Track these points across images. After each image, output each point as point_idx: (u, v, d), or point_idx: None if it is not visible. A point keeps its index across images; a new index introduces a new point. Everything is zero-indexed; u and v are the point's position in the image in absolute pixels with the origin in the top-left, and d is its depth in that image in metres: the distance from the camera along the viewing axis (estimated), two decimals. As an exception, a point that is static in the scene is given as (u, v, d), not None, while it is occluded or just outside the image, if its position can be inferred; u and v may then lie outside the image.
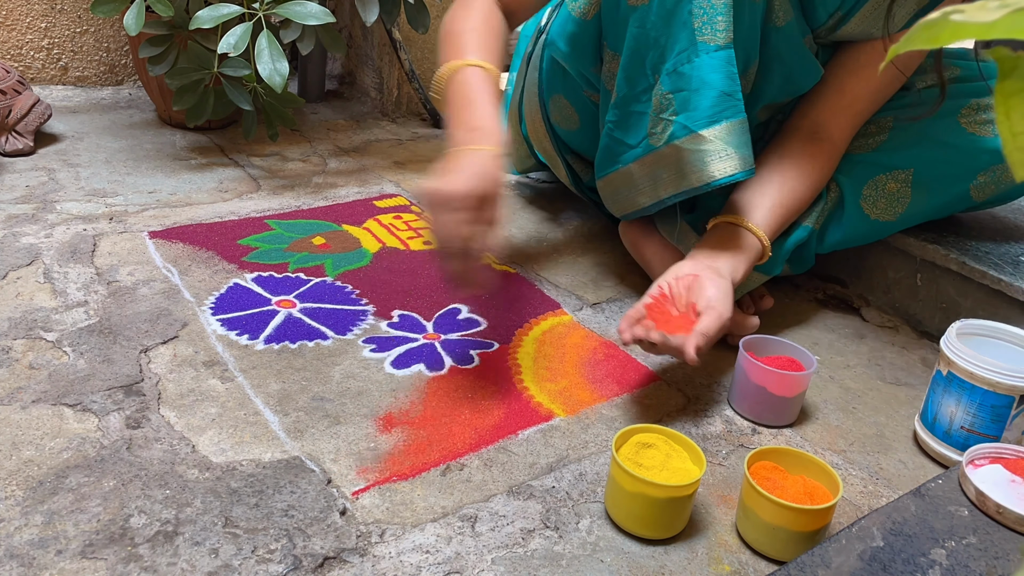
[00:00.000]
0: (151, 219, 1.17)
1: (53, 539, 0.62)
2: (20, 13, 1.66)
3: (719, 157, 0.87)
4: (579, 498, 0.72)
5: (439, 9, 1.81)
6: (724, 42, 0.85)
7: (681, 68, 0.87)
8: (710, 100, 0.86)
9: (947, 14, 0.21)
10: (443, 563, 0.64)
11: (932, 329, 1.06)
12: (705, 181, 0.88)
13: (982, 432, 0.78)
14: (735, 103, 0.87)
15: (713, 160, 0.87)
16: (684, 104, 0.87)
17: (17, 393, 0.77)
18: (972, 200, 1.04)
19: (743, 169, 0.87)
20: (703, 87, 0.86)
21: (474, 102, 0.85)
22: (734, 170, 0.87)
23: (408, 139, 1.70)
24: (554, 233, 1.28)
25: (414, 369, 0.88)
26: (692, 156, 0.88)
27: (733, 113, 0.87)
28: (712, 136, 0.87)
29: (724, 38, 0.85)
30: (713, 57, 0.85)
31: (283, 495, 0.68)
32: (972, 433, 0.79)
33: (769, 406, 0.84)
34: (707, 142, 0.87)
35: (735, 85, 0.86)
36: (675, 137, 0.89)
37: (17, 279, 0.97)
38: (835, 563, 0.59)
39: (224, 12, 1.25)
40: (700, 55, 0.86)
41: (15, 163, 1.32)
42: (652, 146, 0.93)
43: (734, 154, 0.87)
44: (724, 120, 0.86)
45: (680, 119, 0.88)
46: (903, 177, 1.02)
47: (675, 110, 0.88)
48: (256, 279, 1.03)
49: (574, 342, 0.97)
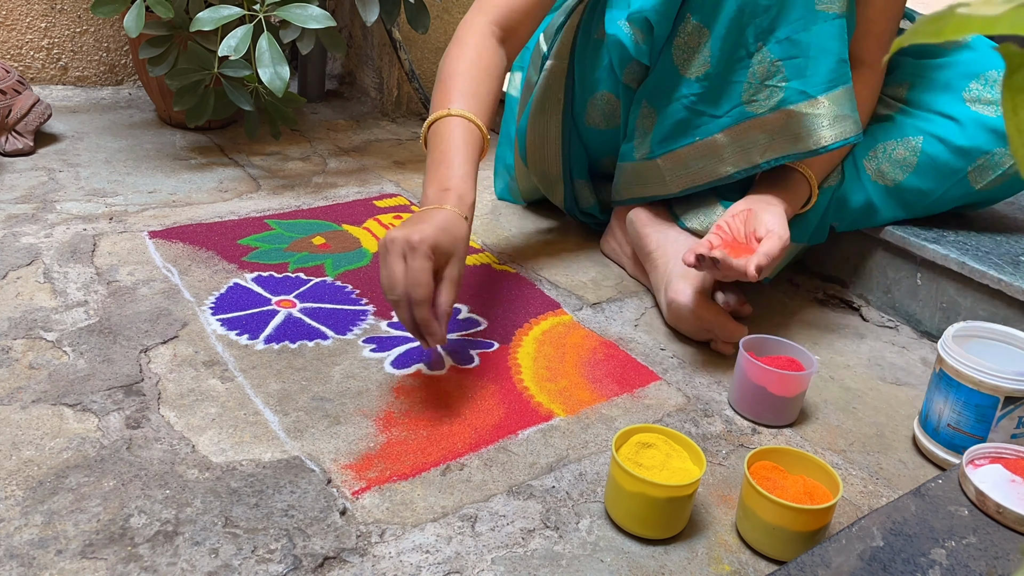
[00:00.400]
0: (151, 219, 1.17)
1: (53, 539, 0.62)
2: (20, 13, 1.66)
3: (834, 122, 0.93)
4: (579, 498, 0.72)
5: (439, 9, 1.81)
6: (840, 11, 0.90)
7: (796, 36, 0.91)
8: (829, 66, 0.91)
9: (953, 7, 0.21)
10: (443, 563, 0.63)
11: (932, 329, 1.06)
12: (822, 144, 0.93)
13: (968, 431, 0.78)
14: (846, 69, 0.92)
15: (828, 124, 0.93)
16: (799, 71, 0.92)
17: (17, 393, 0.77)
18: (970, 186, 1.03)
19: (856, 132, 0.93)
20: (822, 54, 0.90)
21: (449, 160, 0.86)
22: (849, 133, 0.93)
23: (408, 139, 1.70)
24: (554, 233, 1.28)
25: (414, 369, 0.88)
26: (807, 120, 0.93)
27: (845, 80, 0.92)
28: (828, 101, 0.92)
29: (840, 6, 0.90)
30: (832, 24, 0.90)
31: (283, 495, 0.68)
32: (958, 431, 0.79)
33: (769, 406, 0.84)
34: (823, 106, 0.92)
35: (846, 50, 0.92)
36: (788, 102, 0.93)
37: (17, 279, 0.97)
38: (835, 563, 0.59)
39: (225, 14, 1.25)
40: (819, 22, 0.90)
41: (15, 163, 1.32)
42: (751, 113, 0.96)
43: (848, 117, 0.93)
44: (840, 86, 0.92)
45: (794, 84, 0.92)
46: (912, 145, 1.04)
47: (785, 76, 0.93)
48: (256, 279, 1.03)
49: (574, 342, 0.97)
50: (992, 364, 0.76)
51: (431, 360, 0.90)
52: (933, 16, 0.21)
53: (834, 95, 0.92)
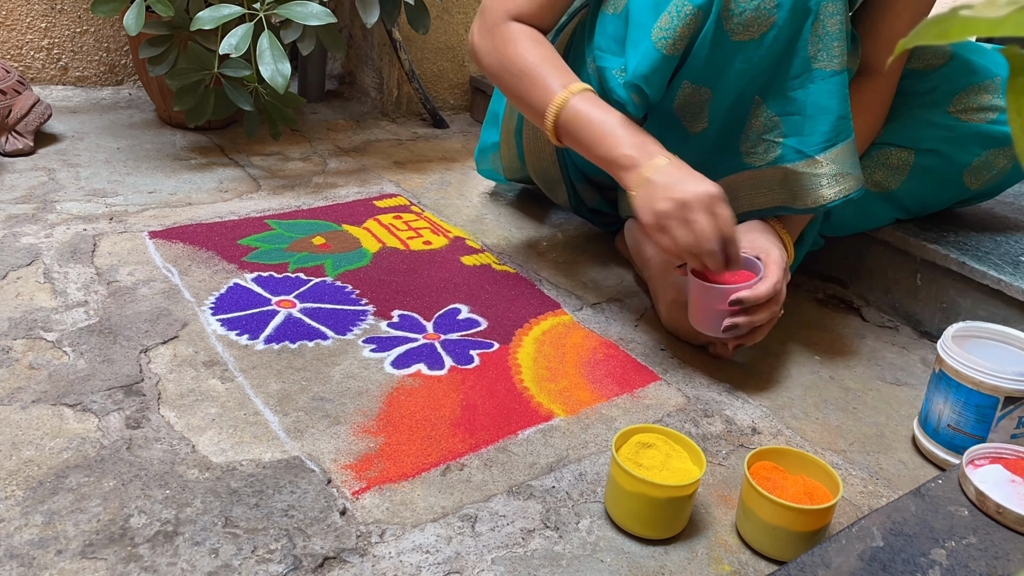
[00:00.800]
0: (151, 219, 1.17)
1: (53, 539, 0.62)
2: (20, 13, 1.66)
3: (834, 180, 0.90)
4: (579, 498, 0.72)
5: (439, 9, 1.81)
6: (839, 67, 0.87)
7: (792, 93, 0.89)
8: (828, 125, 0.88)
9: (956, 10, 0.21)
10: (443, 563, 0.63)
11: (932, 329, 1.06)
12: (820, 203, 0.91)
13: (968, 432, 0.78)
14: (848, 124, 0.89)
15: (828, 183, 0.90)
16: (796, 128, 0.90)
17: (17, 393, 0.77)
18: (965, 186, 1.05)
19: (857, 188, 0.91)
20: (819, 113, 0.88)
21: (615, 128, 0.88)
22: (851, 190, 0.90)
23: (408, 139, 1.70)
24: (554, 233, 1.28)
25: (414, 369, 0.88)
26: (805, 180, 0.91)
27: (847, 135, 0.89)
28: (827, 160, 0.89)
29: (839, 63, 0.87)
30: (829, 82, 0.87)
31: (283, 495, 0.68)
32: (958, 432, 0.79)
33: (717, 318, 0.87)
34: (822, 166, 0.90)
35: (847, 107, 0.89)
36: (784, 160, 0.91)
37: (17, 279, 0.97)
38: (835, 563, 0.59)
39: (225, 13, 1.25)
40: (816, 81, 0.87)
41: (15, 163, 1.32)
42: (748, 164, 0.95)
43: (849, 176, 0.90)
44: (840, 143, 0.89)
45: (791, 142, 0.90)
46: (905, 156, 1.04)
47: (782, 132, 0.91)
48: (256, 279, 1.03)
49: (574, 342, 0.97)
50: (992, 364, 0.76)
51: (431, 360, 0.90)
52: (937, 18, 0.21)
53: (832, 153, 0.89)
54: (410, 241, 1.19)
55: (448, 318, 0.99)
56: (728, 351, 0.96)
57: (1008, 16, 0.19)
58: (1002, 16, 0.19)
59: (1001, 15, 0.19)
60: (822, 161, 0.89)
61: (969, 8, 0.20)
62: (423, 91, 1.78)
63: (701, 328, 0.90)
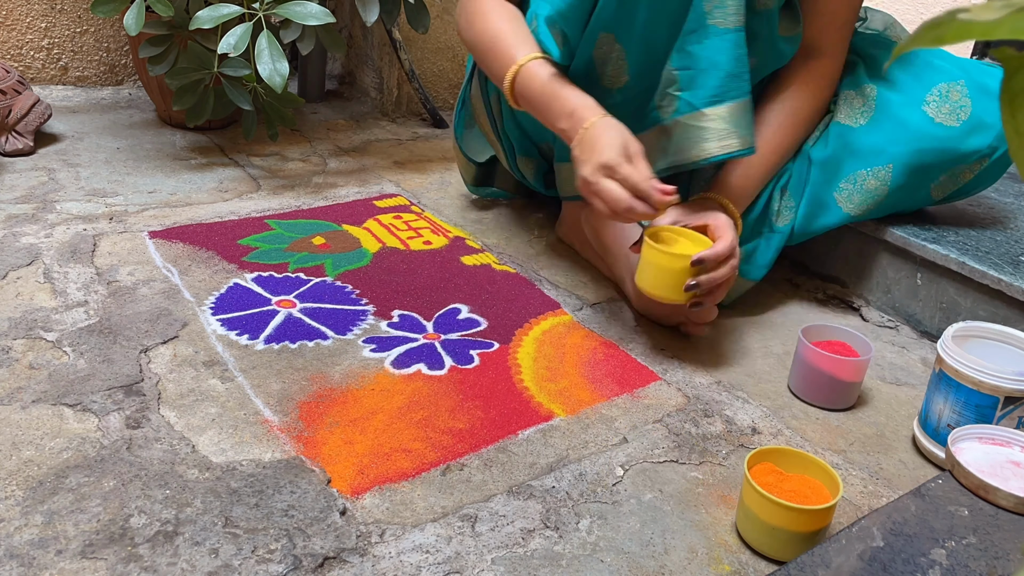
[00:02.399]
0: (151, 219, 1.17)
1: (53, 539, 0.62)
2: (20, 13, 1.66)
3: (719, 135, 0.91)
4: (579, 498, 0.72)
5: (439, 9, 1.81)
6: (734, 25, 0.89)
7: (689, 47, 0.91)
8: (716, 80, 0.90)
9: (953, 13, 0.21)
10: (443, 563, 0.63)
11: (932, 329, 1.06)
12: (704, 156, 0.93)
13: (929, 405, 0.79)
14: (741, 84, 0.91)
15: (713, 137, 0.91)
16: (690, 82, 0.92)
17: (17, 393, 0.77)
18: (931, 199, 1.08)
19: (744, 147, 0.92)
20: (711, 67, 0.90)
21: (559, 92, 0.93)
22: (733, 148, 0.91)
23: (408, 139, 1.70)
24: (554, 233, 1.27)
25: (414, 369, 0.88)
26: (693, 132, 0.93)
27: (738, 94, 0.91)
28: (714, 115, 0.91)
29: (734, 21, 0.89)
30: (723, 39, 0.89)
31: (283, 495, 0.68)
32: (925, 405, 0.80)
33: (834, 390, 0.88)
34: (709, 119, 0.91)
35: (742, 67, 0.91)
36: (679, 112, 0.93)
37: (17, 279, 0.97)
38: (835, 563, 0.59)
39: (224, 12, 1.25)
40: (711, 37, 0.90)
41: (15, 163, 1.32)
42: (660, 118, 0.97)
43: (736, 133, 0.91)
44: (728, 100, 0.91)
45: (685, 95, 0.93)
46: (883, 175, 1.04)
47: (680, 86, 0.93)
48: (256, 279, 1.03)
49: (574, 342, 0.97)
50: (992, 364, 0.76)
51: (431, 360, 0.90)
52: (933, 22, 0.21)
53: (721, 109, 0.91)
54: (410, 241, 1.19)
55: (448, 318, 0.99)
56: (701, 329, 0.98)
57: (1004, 19, 0.19)
58: (998, 19, 0.19)
59: (997, 18, 0.19)
60: (708, 114, 0.91)
61: (965, 12, 0.20)
62: (423, 91, 1.78)
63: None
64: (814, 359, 0.88)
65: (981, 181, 1.06)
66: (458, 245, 1.20)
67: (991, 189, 1.29)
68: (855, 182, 1.05)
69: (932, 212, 1.16)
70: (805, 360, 0.89)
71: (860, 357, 0.88)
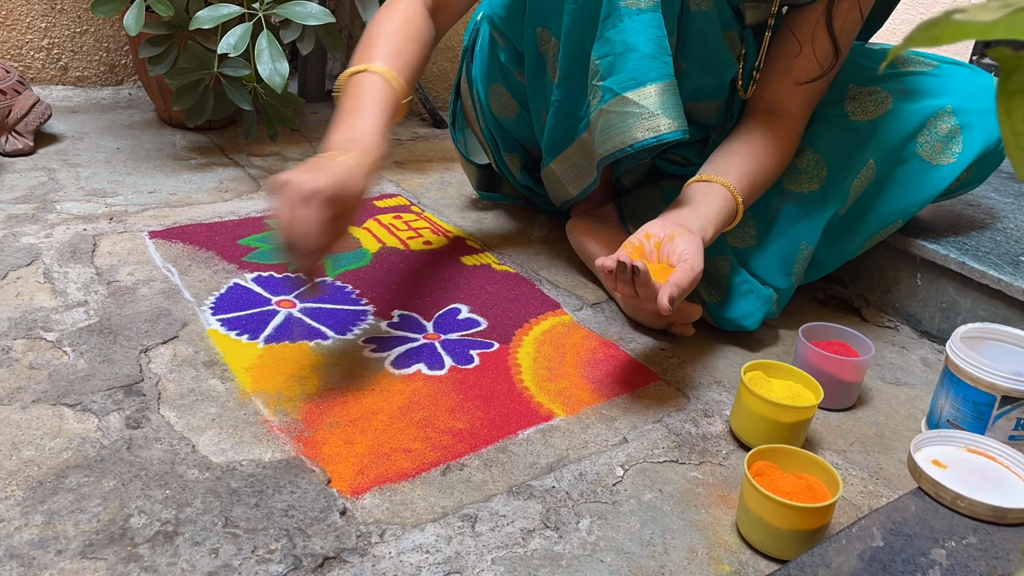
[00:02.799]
0: (151, 219, 1.17)
1: (53, 539, 0.62)
2: (20, 13, 1.66)
3: (644, 118, 0.86)
4: (579, 498, 0.72)
5: (439, 9, 1.81)
6: (647, 5, 0.86)
7: (607, 33, 0.87)
8: (634, 62, 0.86)
9: (949, 13, 0.21)
10: (443, 563, 0.64)
11: (932, 329, 1.06)
12: (628, 143, 0.88)
13: (965, 428, 0.79)
14: (662, 65, 0.86)
15: (638, 122, 0.87)
16: (610, 68, 0.87)
17: (17, 393, 0.77)
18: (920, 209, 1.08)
19: (672, 130, 0.86)
20: (627, 50, 0.86)
21: (360, 111, 0.85)
22: (663, 131, 0.86)
23: (408, 139, 1.70)
24: (554, 233, 1.28)
25: (414, 369, 0.88)
26: (617, 119, 0.88)
27: (660, 75, 0.86)
28: (636, 98, 0.86)
29: (647, 2, 0.86)
30: (636, 20, 0.85)
31: (283, 495, 0.68)
32: (955, 428, 0.79)
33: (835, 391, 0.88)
34: (631, 104, 0.86)
35: (661, 47, 0.86)
36: (603, 100, 0.89)
37: (17, 279, 0.97)
38: (835, 563, 0.59)
39: (224, 12, 1.25)
40: (624, 19, 0.86)
41: (15, 163, 1.32)
42: (590, 112, 0.93)
43: (661, 115, 0.86)
44: (649, 82, 0.86)
45: (607, 83, 0.88)
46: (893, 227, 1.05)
47: (602, 75, 0.88)
48: (256, 279, 1.03)
49: (574, 342, 0.97)
50: (991, 362, 0.76)
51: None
52: (929, 23, 0.21)
53: (643, 91, 0.86)
54: (410, 241, 1.19)
55: (448, 318, 0.99)
56: (687, 329, 0.99)
57: (1000, 20, 0.19)
58: (994, 20, 0.19)
59: (993, 19, 0.19)
60: (630, 98, 0.86)
61: (962, 12, 0.20)
62: (423, 91, 1.78)
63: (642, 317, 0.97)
64: (814, 359, 0.88)
65: (975, 180, 1.07)
66: (458, 245, 1.20)
67: (991, 189, 1.29)
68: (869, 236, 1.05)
69: (932, 212, 1.16)
70: (805, 360, 0.89)
71: (860, 357, 0.88)
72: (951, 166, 1.01)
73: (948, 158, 1.02)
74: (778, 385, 0.83)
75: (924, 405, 0.92)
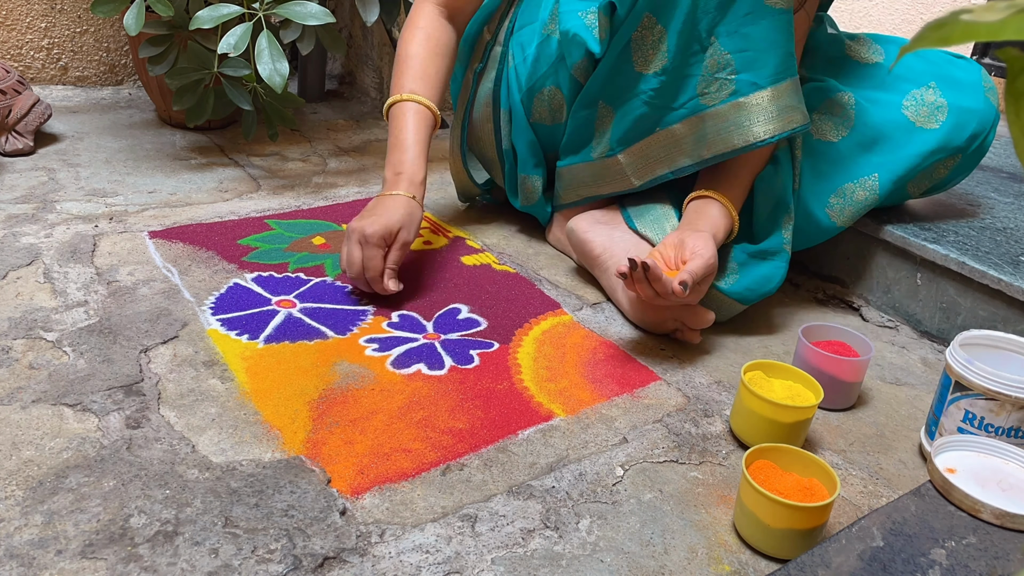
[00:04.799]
0: (151, 219, 1.17)
1: (53, 539, 0.62)
2: (20, 13, 1.66)
3: (780, 112, 0.94)
4: (579, 498, 0.72)
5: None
6: (787, 5, 0.92)
7: (745, 29, 0.93)
8: (779, 58, 0.93)
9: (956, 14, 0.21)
10: (443, 563, 0.63)
11: (932, 329, 1.06)
12: (764, 138, 0.95)
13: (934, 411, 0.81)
14: (794, 63, 0.95)
15: (775, 115, 0.94)
16: (749, 63, 0.94)
17: (17, 393, 0.77)
18: (908, 196, 1.13)
19: (803, 122, 0.96)
20: (771, 47, 0.93)
21: (402, 144, 1.04)
22: (797, 123, 0.95)
23: (408, 139, 1.69)
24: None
25: (414, 369, 0.88)
26: (754, 112, 0.95)
27: (793, 71, 0.94)
28: (776, 93, 0.94)
29: (786, 3, 0.92)
30: (778, 18, 0.92)
31: (283, 495, 0.68)
32: (931, 414, 0.82)
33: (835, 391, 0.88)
34: (768, 99, 0.94)
35: (792, 44, 0.94)
36: (739, 94, 0.95)
37: (17, 279, 0.97)
38: (835, 563, 0.59)
39: (224, 12, 1.25)
40: (767, 17, 0.92)
41: (15, 163, 1.32)
42: (704, 106, 0.97)
43: (796, 108, 0.95)
44: (788, 78, 0.94)
45: (745, 76, 0.94)
46: (871, 185, 1.06)
47: (735, 68, 0.94)
48: (256, 279, 1.03)
49: (574, 342, 0.97)
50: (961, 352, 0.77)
51: (431, 360, 0.90)
52: (938, 23, 0.21)
53: (781, 87, 0.94)
54: (410, 241, 1.19)
55: (448, 318, 0.99)
56: (695, 336, 0.98)
57: (1008, 20, 0.19)
58: (1002, 20, 0.19)
59: (1001, 19, 0.19)
60: (770, 93, 0.94)
61: (969, 12, 0.20)
62: (423, 91, 1.78)
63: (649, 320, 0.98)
64: (815, 359, 0.88)
65: (956, 175, 1.10)
66: (458, 245, 1.20)
67: (991, 189, 1.29)
68: (844, 195, 1.06)
69: (932, 212, 1.16)
70: (806, 360, 0.89)
71: (860, 357, 0.88)
72: (934, 132, 1.04)
73: (932, 123, 1.04)
74: (778, 385, 0.83)
75: (924, 405, 0.92)
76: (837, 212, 1.07)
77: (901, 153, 1.05)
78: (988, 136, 1.06)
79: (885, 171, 1.05)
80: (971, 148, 1.06)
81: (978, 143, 1.06)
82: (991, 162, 1.46)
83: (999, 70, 2.08)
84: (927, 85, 1.05)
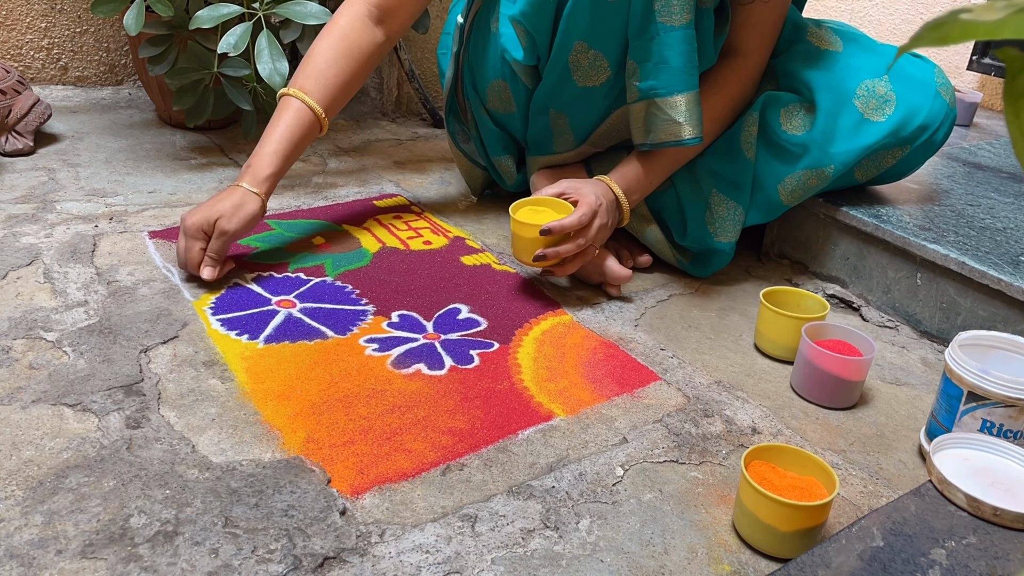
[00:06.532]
0: (151, 219, 1.17)
1: (53, 539, 0.62)
2: (20, 13, 1.66)
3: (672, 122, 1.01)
4: (579, 498, 0.72)
5: (439, 9, 1.81)
6: (680, 23, 0.97)
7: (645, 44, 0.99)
8: (668, 74, 0.99)
9: (955, 13, 0.21)
10: (443, 563, 0.63)
11: (932, 329, 1.06)
12: (652, 142, 1.03)
13: (941, 421, 0.80)
14: (688, 79, 1.00)
15: (665, 126, 1.02)
16: (646, 74, 1.01)
17: (17, 393, 0.77)
18: (856, 182, 1.17)
19: (693, 135, 1.02)
20: (661, 63, 0.99)
21: (266, 138, 1.05)
22: (684, 136, 1.01)
23: (408, 139, 1.70)
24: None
25: (414, 369, 0.88)
26: (649, 119, 1.03)
27: (687, 87, 1.00)
28: (666, 106, 1.01)
29: (680, 19, 0.97)
30: (670, 36, 0.98)
31: (283, 495, 0.68)
32: (935, 420, 0.81)
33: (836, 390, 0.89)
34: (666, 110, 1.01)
35: (691, 62, 0.99)
36: (639, 99, 1.02)
37: (17, 279, 0.97)
38: (835, 563, 0.59)
39: (224, 12, 1.25)
40: (660, 34, 0.98)
41: (15, 163, 1.32)
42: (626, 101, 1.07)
43: (681, 124, 1.01)
44: (677, 92, 1.00)
45: (642, 85, 1.01)
46: (826, 175, 1.10)
47: (638, 77, 1.01)
48: (256, 279, 1.03)
49: (574, 342, 0.97)
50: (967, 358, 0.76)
51: (431, 360, 0.90)
52: (936, 23, 0.21)
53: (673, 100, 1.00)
54: (410, 241, 1.19)
55: (448, 318, 0.99)
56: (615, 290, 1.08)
57: (1006, 19, 0.19)
58: (1000, 19, 0.19)
59: (999, 18, 0.19)
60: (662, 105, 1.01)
61: (968, 12, 0.20)
62: (423, 91, 1.78)
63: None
64: (818, 358, 0.88)
65: (906, 166, 1.14)
66: (458, 245, 1.20)
67: (991, 189, 1.29)
68: (798, 179, 1.11)
69: (932, 212, 1.16)
70: (809, 359, 0.89)
71: (863, 356, 0.88)
72: (880, 124, 1.08)
73: (879, 116, 1.08)
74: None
75: (924, 405, 0.92)
76: (788, 193, 1.12)
77: (851, 145, 1.09)
78: (938, 131, 1.10)
79: (839, 162, 1.09)
80: (919, 141, 1.09)
81: (926, 136, 1.09)
82: (991, 162, 1.46)
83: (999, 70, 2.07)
84: (880, 77, 1.09)
